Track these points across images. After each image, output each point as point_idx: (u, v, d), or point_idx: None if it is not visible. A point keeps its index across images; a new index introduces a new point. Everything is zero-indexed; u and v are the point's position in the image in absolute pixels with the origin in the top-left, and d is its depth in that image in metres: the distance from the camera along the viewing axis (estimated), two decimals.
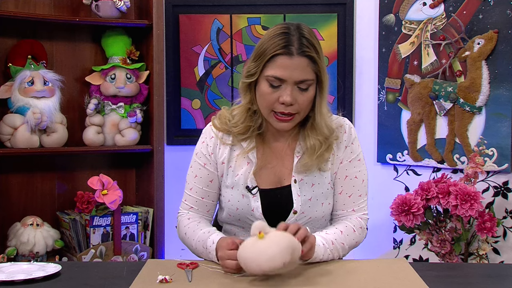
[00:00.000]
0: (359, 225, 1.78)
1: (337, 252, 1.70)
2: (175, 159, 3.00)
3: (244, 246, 1.47)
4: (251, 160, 1.75)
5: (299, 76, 1.64)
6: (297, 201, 1.73)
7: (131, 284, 1.47)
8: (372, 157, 2.95)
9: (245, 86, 1.73)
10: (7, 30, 2.71)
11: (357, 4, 3.04)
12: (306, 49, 1.63)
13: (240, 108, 1.77)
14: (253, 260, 1.44)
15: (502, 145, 2.49)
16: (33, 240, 2.57)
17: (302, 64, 1.63)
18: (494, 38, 2.49)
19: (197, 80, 3.12)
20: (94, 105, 2.75)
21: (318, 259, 1.64)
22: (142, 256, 2.73)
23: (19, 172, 2.76)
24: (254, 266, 1.44)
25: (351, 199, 1.79)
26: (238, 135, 1.76)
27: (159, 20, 2.79)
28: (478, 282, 1.60)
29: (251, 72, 1.68)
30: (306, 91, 1.66)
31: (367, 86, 3.03)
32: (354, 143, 1.80)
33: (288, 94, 1.63)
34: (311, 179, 1.75)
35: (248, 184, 1.74)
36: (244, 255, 1.46)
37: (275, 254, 1.42)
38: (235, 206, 1.76)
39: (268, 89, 1.66)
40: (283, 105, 1.65)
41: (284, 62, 1.63)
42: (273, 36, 1.65)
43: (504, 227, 2.49)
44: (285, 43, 1.63)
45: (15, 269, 1.59)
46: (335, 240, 1.69)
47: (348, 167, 1.78)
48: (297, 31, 1.65)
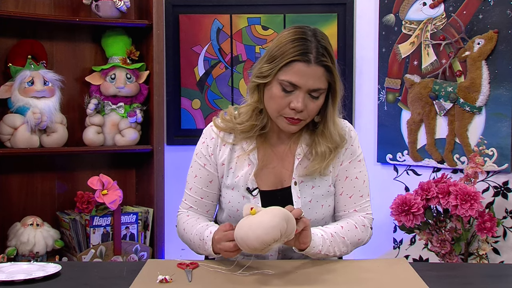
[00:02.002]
0: (362, 223, 1.77)
1: (338, 246, 1.68)
2: (175, 159, 3.00)
3: (239, 224, 1.49)
4: (252, 162, 1.75)
5: (313, 84, 1.64)
6: (297, 202, 1.73)
7: (131, 284, 1.47)
8: (372, 157, 2.95)
9: (254, 86, 1.72)
10: (7, 30, 2.71)
11: (357, 4, 3.05)
12: (324, 58, 1.63)
13: (246, 107, 1.77)
14: (251, 234, 1.44)
15: (502, 145, 2.49)
16: (33, 240, 2.57)
17: (318, 73, 1.63)
18: (494, 38, 2.49)
19: (197, 80, 3.12)
20: (94, 105, 2.76)
21: (317, 249, 1.62)
22: (142, 256, 2.73)
23: (19, 172, 2.76)
24: (252, 240, 1.44)
25: (352, 199, 1.79)
26: (241, 133, 1.76)
27: (159, 20, 2.79)
28: (478, 282, 1.60)
29: (264, 73, 1.67)
30: (317, 99, 1.67)
31: (367, 86, 3.03)
32: (354, 144, 1.80)
33: (300, 101, 1.63)
34: (312, 181, 1.75)
35: (248, 185, 1.74)
36: (240, 231, 1.47)
37: (271, 223, 1.44)
38: (235, 207, 1.76)
39: (281, 93, 1.65)
40: (293, 111, 1.65)
41: (301, 69, 1.62)
42: (291, 41, 1.64)
43: (504, 227, 2.49)
44: (304, 50, 1.62)
45: (15, 269, 1.59)
46: (335, 233, 1.68)
47: (348, 168, 1.78)
48: (314, 37, 1.64)
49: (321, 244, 1.63)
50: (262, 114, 1.75)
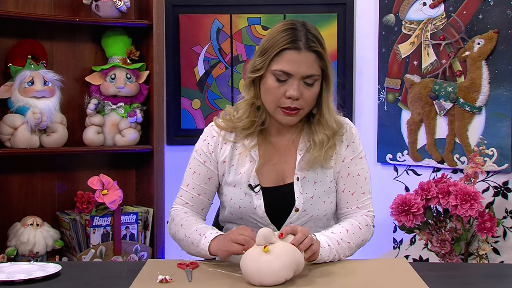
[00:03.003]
0: (365, 222, 1.77)
1: (343, 252, 1.69)
2: (175, 159, 2.99)
3: (249, 257, 1.48)
4: (254, 158, 1.76)
5: (306, 71, 1.65)
6: (299, 198, 1.73)
7: (131, 284, 1.47)
8: (372, 157, 2.95)
9: (249, 82, 1.74)
10: (7, 30, 2.71)
11: (357, 4, 3.04)
12: (313, 44, 1.66)
13: (244, 103, 1.78)
14: (256, 274, 1.45)
15: (502, 145, 2.49)
16: (33, 240, 2.57)
17: (309, 59, 1.66)
18: (494, 38, 2.49)
19: (197, 80, 3.12)
20: (94, 105, 2.76)
21: (323, 260, 1.63)
22: (142, 256, 2.73)
23: (19, 172, 2.76)
24: (256, 279, 1.45)
25: (354, 196, 1.79)
26: (242, 130, 1.77)
27: (159, 20, 2.79)
28: (478, 282, 1.60)
29: (257, 66, 1.69)
30: (312, 87, 1.68)
31: (367, 86, 3.03)
32: (355, 141, 1.81)
33: (295, 89, 1.65)
34: (314, 177, 1.75)
35: (250, 182, 1.75)
36: (247, 267, 1.47)
37: (279, 271, 1.44)
38: (237, 205, 1.76)
39: (275, 84, 1.67)
40: (290, 99, 1.66)
41: (292, 57, 1.65)
42: (280, 32, 1.67)
43: (504, 227, 2.49)
44: (293, 38, 1.65)
45: (15, 269, 1.59)
46: (340, 240, 1.69)
47: (350, 165, 1.79)
48: (303, 27, 1.68)
49: (327, 255, 1.64)
50: (260, 111, 1.76)
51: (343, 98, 3.05)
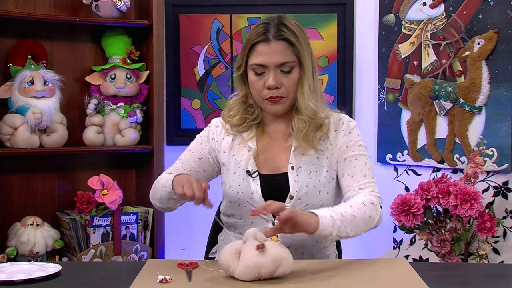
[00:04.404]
0: (370, 200, 1.73)
1: (349, 226, 1.64)
2: (175, 159, 2.98)
3: (229, 250, 1.52)
4: (251, 147, 1.82)
5: (278, 59, 1.71)
6: (293, 186, 1.76)
7: (131, 284, 1.47)
8: (372, 157, 2.92)
9: (239, 80, 1.82)
10: (7, 30, 2.71)
11: (357, 4, 3.04)
12: (282, 33, 1.72)
13: (235, 101, 1.86)
14: (237, 266, 1.48)
15: (502, 145, 2.49)
16: (33, 240, 2.57)
17: (279, 48, 1.71)
18: (494, 38, 2.49)
19: (197, 80, 3.12)
20: (94, 105, 2.76)
21: (328, 232, 1.59)
22: (142, 256, 2.73)
23: (19, 172, 2.76)
24: (236, 272, 1.48)
25: (354, 179, 1.78)
26: (233, 127, 1.85)
27: (159, 20, 2.79)
28: (478, 282, 1.60)
29: (238, 64, 1.79)
30: (290, 74, 1.74)
31: (367, 86, 3.03)
32: (352, 132, 1.83)
33: (272, 79, 1.71)
34: (309, 166, 1.78)
35: (248, 168, 1.79)
36: (226, 260, 1.51)
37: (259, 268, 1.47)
38: (235, 191, 1.80)
39: (254, 77, 1.74)
40: (270, 89, 1.73)
41: (262, 49, 1.72)
42: (253, 28, 1.76)
43: (504, 227, 2.49)
44: (263, 31, 1.72)
45: (15, 269, 1.59)
46: (344, 212, 1.65)
47: (346, 151, 1.81)
48: (277, 19, 1.75)
49: (331, 225, 1.60)
50: (253, 107, 1.84)
51: (343, 98, 3.05)
